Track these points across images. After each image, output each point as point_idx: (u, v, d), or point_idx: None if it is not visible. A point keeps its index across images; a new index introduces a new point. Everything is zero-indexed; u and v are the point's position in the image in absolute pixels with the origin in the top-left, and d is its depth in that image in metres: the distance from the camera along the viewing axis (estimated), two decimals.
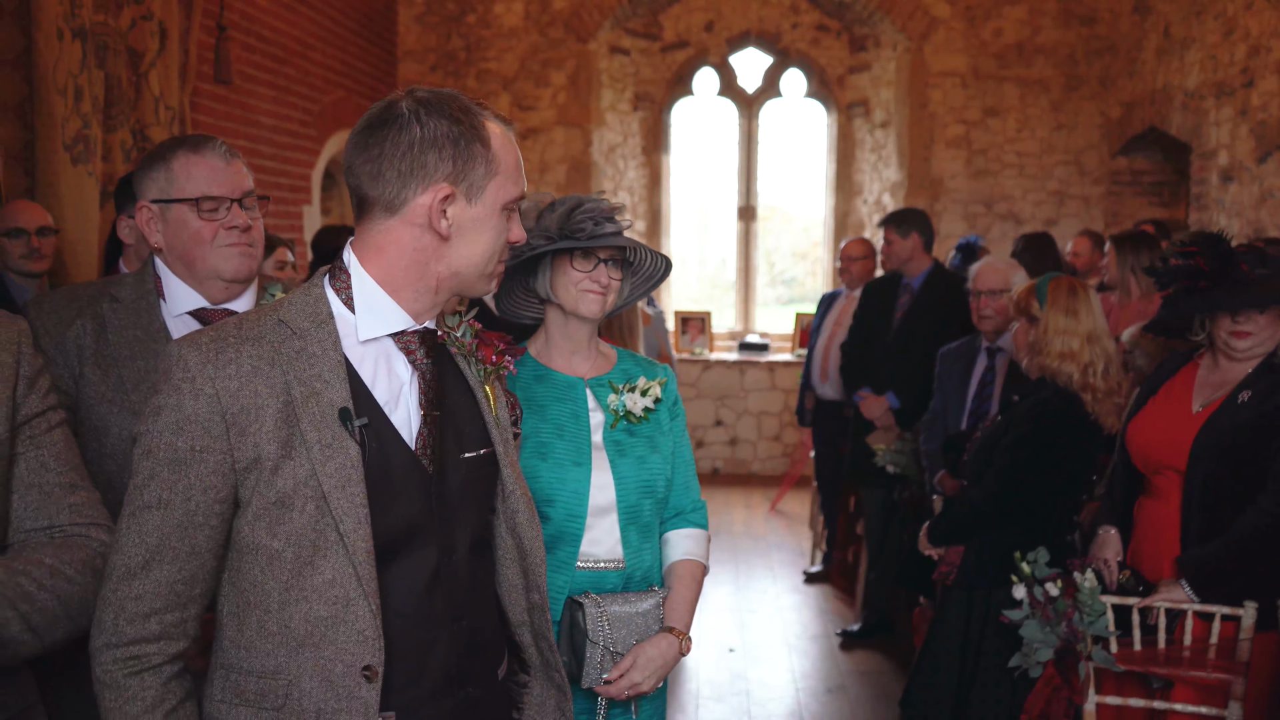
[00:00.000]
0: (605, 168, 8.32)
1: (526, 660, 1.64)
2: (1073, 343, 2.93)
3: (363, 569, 1.37)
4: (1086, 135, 7.84)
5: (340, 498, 1.36)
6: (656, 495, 2.11)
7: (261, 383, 1.36)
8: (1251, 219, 5.35)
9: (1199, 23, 6.08)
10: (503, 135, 1.48)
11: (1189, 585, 2.67)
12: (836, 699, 4.37)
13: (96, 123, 3.52)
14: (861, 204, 8.58)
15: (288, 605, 1.37)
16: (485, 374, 1.57)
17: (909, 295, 4.92)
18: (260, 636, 1.38)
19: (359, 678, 1.37)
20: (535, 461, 2.02)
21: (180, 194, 1.91)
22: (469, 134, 1.43)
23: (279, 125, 5.88)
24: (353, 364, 1.44)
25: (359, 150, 1.43)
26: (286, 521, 1.36)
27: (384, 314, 1.45)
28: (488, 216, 1.45)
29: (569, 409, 2.08)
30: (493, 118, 1.49)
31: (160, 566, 1.33)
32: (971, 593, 3.01)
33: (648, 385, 2.12)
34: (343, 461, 1.37)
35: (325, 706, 1.36)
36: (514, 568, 1.59)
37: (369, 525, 1.37)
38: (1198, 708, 2.67)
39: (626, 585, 2.07)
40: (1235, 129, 5.61)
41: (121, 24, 3.78)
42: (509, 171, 1.47)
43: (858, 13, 8.16)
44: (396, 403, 1.46)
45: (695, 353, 8.45)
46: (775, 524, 7.10)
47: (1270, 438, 2.59)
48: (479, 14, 8.03)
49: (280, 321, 1.41)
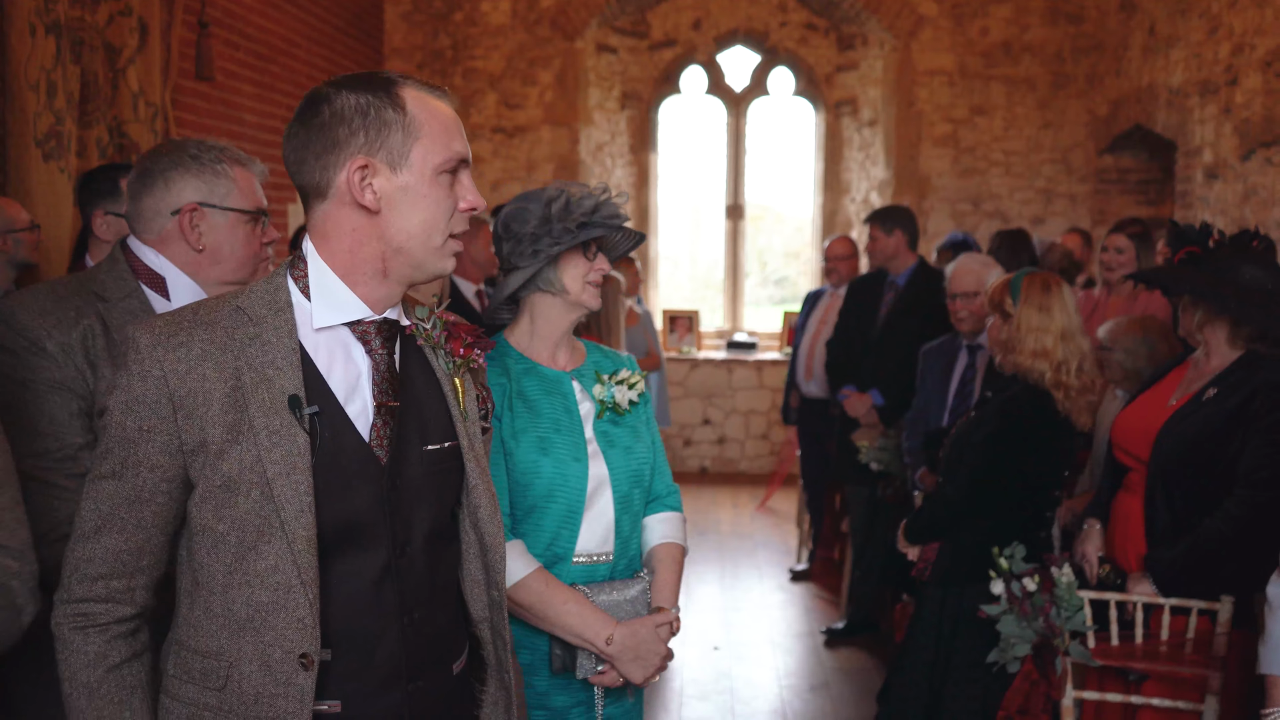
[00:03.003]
0: (593, 166, 8.31)
1: (484, 658, 1.62)
2: (1045, 340, 2.92)
3: (302, 557, 1.36)
4: (1073, 133, 7.84)
5: (284, 485, 1.36)
6: (644, 483, 2.14)
7: (210, 367, 1.37)
8: (1235, 216, 5.35)
9: (1184, 21, 6.09)
10: (424, 99, 1.44)
11: (1155, 584, 2.67)
12: (820, 697, 4.36)
13: (71, 119, 3.49)
14: (849, 202, 8.58)
15: (231, 588, 1.38)
16: (455, 367, 1.55)
17: (894, 293, 4.92)
18: (206, 617, 1.40)
19: (296, 665, 1.37)
20: (538, 457, 2.01)
21: (238, 204, 2.00)
22: (379, 102, 1.40)
23: (263, 123, 5.85)
24: (308, 352, 1.43)
25: (287, 143, 1.44)
26: (232, 505, 1.37)
27: (340, 302, 1.44)
28: (418, 184, 1.42)
29: (560, 403, 2.08)
30: (417, 84, 1.45)
31: (109, 534, 1.37)
32: (946, 589, 3.01)
33: (630, 377, 2.13)
34: (289, 449, 1.37)
35: (264, 691, 1.38)
36: (476, 562, 1.58)
37: (312, 514, 1.37)
38: (1173, 702, 2.66)
39: (612, 575, 2.08)
40: (1219, 126, 5.62)
41: (98, 19, 3.75)
42: (435, 134, 1.43)
43: (845, 11, 8.16)
44: (353, 393, 1.45)
45: (683, 351, 8.44)
46: (762, 522, 7.09)
47: (1229, 436, 2.59)
48: (466, 12, 8.01)
49: (237, 308, 1.42)
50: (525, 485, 2.00)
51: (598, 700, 2.05)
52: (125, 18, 3.92)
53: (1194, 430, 2.64)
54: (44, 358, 1.85)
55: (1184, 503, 2.66)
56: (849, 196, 8.59)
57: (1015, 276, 3.05)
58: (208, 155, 2.00)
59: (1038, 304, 2.94)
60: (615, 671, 2.01)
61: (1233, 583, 2.61)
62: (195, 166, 1.98)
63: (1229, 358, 2.69)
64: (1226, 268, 2.66)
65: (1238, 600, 2.60)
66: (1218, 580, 2.62)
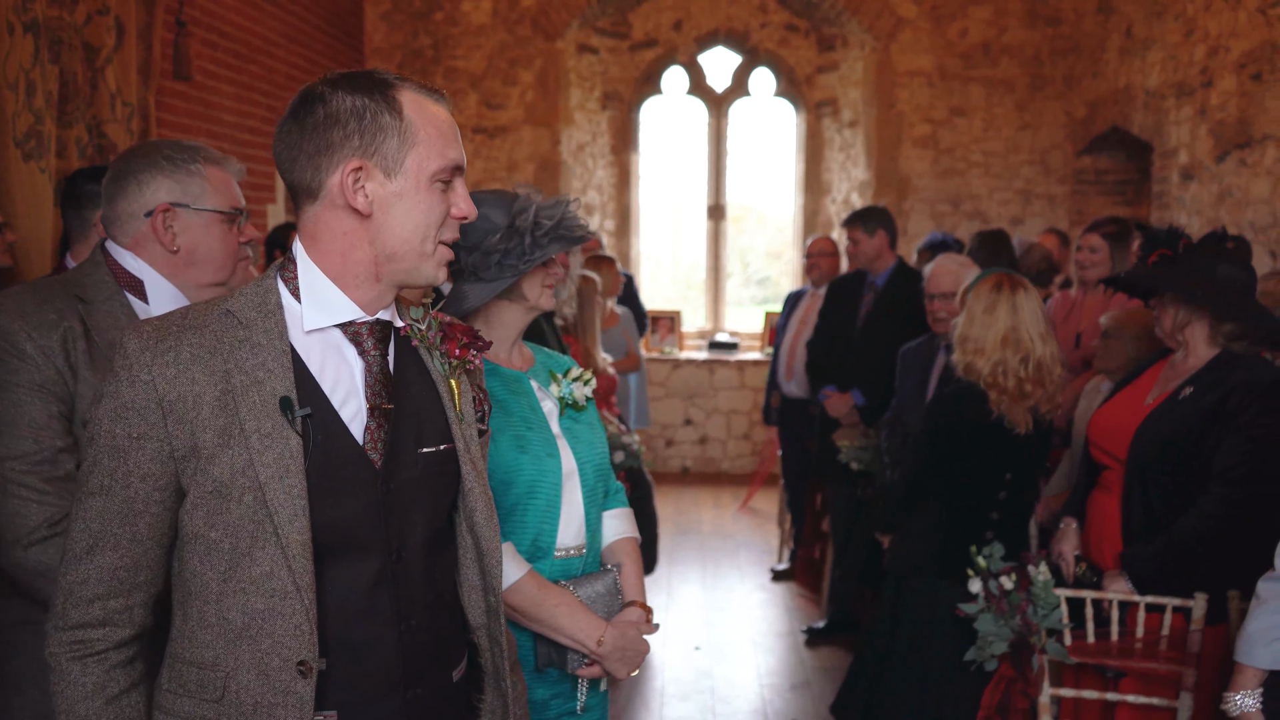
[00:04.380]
0: (574, 167, 8.31)
1: (482, 666, 1.60)
2: (985, 339, 2.94)
3: (296, 562, 1.34)
4: (1051, 135, 7.91)
5: (277, 489, 1.34)
6: (606, 477, 2.19)
7: (200, 371, 1.35)
8: (1211, 217, 5.41)
9: (1160, 23, 6.15)
10: (422, 103, 1.42)
11: (1130, 582, 2.70)
12: (800, 695, 4.39)
13: (50, 119, 3.46)
14: (830, 203, 8.62)
15: (225, 596, 1.36)
16: (451, 368, 1.54)
17: (874, 293, 4.94)
18: (200, 627, 1.37)
19: (294, 672, 1.35)
20: (517, 455, 2.03)
21: (213, 204, 1.98)
22: (376, 105, 1.39)
23: (241, 123, 5.82)
24: (300, 355, 1.41)
25: (278, 139, 1.42)
26: (224, 511, 1.35)
27: (330, 304, 1.43)
28: (412, 190, 1.41)
29: (525, 401, 2.10)
30: (415, 88, 1.43)
31: (102, 552, 1.34)
32: (897, 581, 3.08)
33: (582, 374, 2.18)
34: (281, 452, 1.35)
35: (262, 700, 1.35)
36: (473, 568, 1.56)
37: (306, 518, 1.35)
38: (1149, 699, 2.70)
39: (584, 568, 2.12)
40: (1195, 128, 5.68)
41: (77, 18, 3.72)
42: (431, 141, 1.41)
43: (825, 12, 8.19)
44: (347, 395, 1.43)
45: (665, 352, 8.45)
46: (744, 522, 7.11)
47: (1204, 435, 2.61)
48: (446, 11, 8.00)
49: (227, 312, 1.40)
50: (507, 484, 2.01)
51: (581, 691, 2.09)
52: (103, 17, 3.89)
53: (1170, 429, 2.67)
54: (24, 360, 1.84)
55: (1160, 501, 2.68)
56: (830, 197, 8.62)
57: (979, 276, 3.09)
58: (181, 156, 1.98)
59: (985, 303, 2.97)
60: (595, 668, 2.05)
61: (1207, 580, 2.64)
62: (169, 167, 1.96)
63: (1206, 357, 2.71)
64: (1203, 267, 2.69)
65: (1212, 597, 2.63)
66: (1193, 578, 2.65)
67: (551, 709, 2.07)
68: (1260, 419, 2.56)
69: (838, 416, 4.88)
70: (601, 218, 8.63)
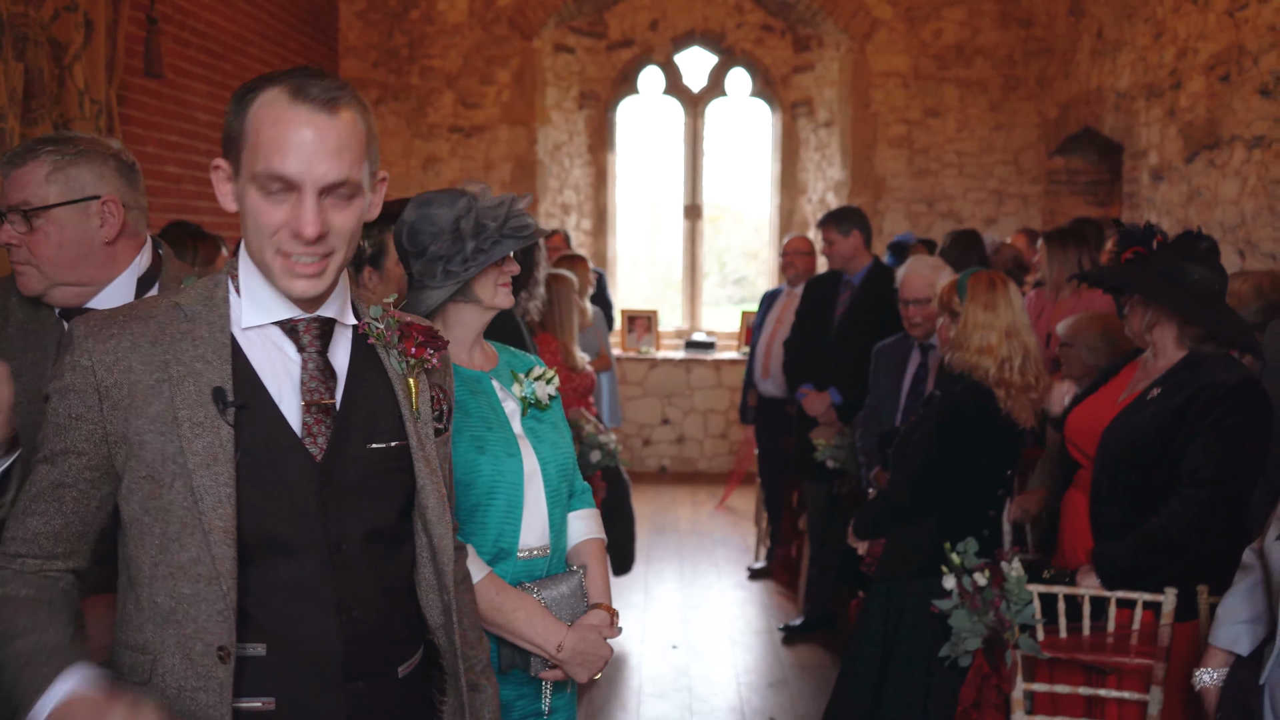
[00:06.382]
0: (550, 166, 8.30)
1: (445, 667, 1.60)
2: (990, 337, 2.97)
3: (218, 549, 1.37)
4: (1024, 135, 7.97)
5: (204, 476, 1.38)
6: (570, 477, 2.18)
7: (137, 359, 1.40)
8: (1180, 217, 5.47)
9: (1130, 25, 6.21)
10: (281, 106, 1.36)
11: (1100, 579, 2.73)
12: (778, 692, 4.40)
13: (14, 116, 3.43)
14: (806, 203, 8.65)
15: (156, 580, 1.40)
16: (409, 366, 1.55)
17: (849, 292, 4.96)
18: (136, 611, 1.42)
19: (215, 658, 1.38)
20: (475, 455, 2.01)
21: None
22: (237, 102, 1.40)
23: (214, 121, 5.77)
24: (243, 348, 1.45)
25: None
26: (157, 497, 1.39)
27: (264, 301, 1.46)
28: (243, 191, 1.41)
29: (485, 401, 2.09)
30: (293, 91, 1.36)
31: (33, 516, 1.41)
32: (890, 585, 3.05)
33: (545, 373, 2.16)
34: (210, 441, 1.38)
35: (185, 684, 1.39)
36: (429, 566, 1.57)
37: (231, 505, 1.38)
38: (1120, 692, 2.72)
39: (549, 568, 2.10)
40: (1164, 129, 5.74)
41: (43, 15, 3.68)
42: (262, 144, 1.35)
43: (801, 13, 8.22)
44: (289, 390, 1.46)
45: (642, 351, 8.45)
46: (721, 521, 7.12)
47: (1170, 435, 2.63)
48: (422, 10, 7.96)
49: (174, 305, 1.45)
50: (467, 484, 2.00)
51: (545, 693, 2.08)
52: (71, 13, 3.85)
53: (1138, 429, 2.69)
54: None
55: (1129, 500, 2.71)
56: (806, 197, 8.65)
57: (962, 276, 3.11)
58: None
59: (984, 301, 2.99)
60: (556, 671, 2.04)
61: (1177, 578, 2.67)
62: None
63: (1175, 358, 2.73)
64: (1173, 268, 2.70)
65: (1181, 594, 2.66)
66: (1161, 575, 2.68)
67: (516, 710, 2.06)
68: (1227, 419, 2.58)
69: (816, 415, 4.89)
70: (578, 217, 8.62)
